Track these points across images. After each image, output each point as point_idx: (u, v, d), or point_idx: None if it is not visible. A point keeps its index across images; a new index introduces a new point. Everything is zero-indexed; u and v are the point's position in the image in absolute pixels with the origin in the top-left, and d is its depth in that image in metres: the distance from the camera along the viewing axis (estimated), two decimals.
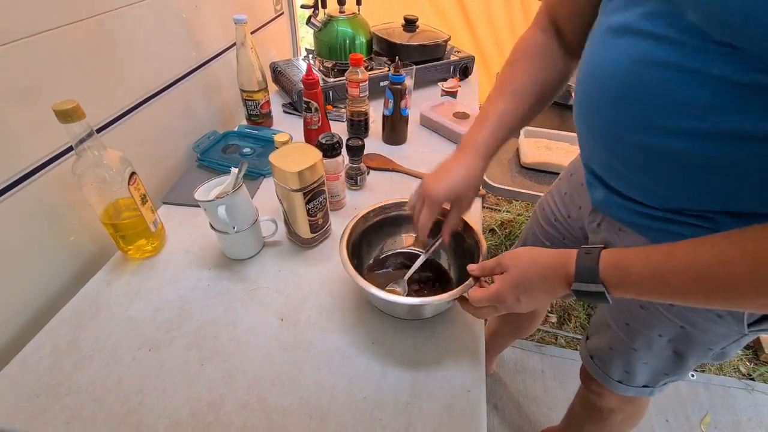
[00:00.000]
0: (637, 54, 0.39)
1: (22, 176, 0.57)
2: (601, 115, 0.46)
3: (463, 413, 0.50)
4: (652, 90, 0.38)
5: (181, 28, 0.88)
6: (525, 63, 0.58)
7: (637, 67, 0.39)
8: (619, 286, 0.41)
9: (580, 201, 0.65)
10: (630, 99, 0.41)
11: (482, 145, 0.56)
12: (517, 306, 0.48)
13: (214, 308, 0.61)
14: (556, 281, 0.45)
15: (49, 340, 0.56)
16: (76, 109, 0.51)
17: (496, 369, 1.33)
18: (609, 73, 0.43)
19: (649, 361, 0.60)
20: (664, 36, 0.36)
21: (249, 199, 0.66)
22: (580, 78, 0.49)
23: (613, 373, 0.65)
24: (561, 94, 1.37)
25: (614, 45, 0.42)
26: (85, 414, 0.48)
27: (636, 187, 0.47)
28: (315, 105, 0.86)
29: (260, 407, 0.49)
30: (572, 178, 0.68)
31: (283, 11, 1.44)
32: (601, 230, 0.57)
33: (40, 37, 0.57)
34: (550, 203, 0.73)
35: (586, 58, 0.48)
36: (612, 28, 0.43)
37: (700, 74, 0.35)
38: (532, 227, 0.79)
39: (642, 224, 0.49)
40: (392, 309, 0.59)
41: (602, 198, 0.53)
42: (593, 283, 0.41)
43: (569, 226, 0.69)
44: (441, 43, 1.21)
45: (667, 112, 0.38)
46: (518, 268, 0.47)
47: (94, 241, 0.70)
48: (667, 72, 0.37)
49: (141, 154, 0.76)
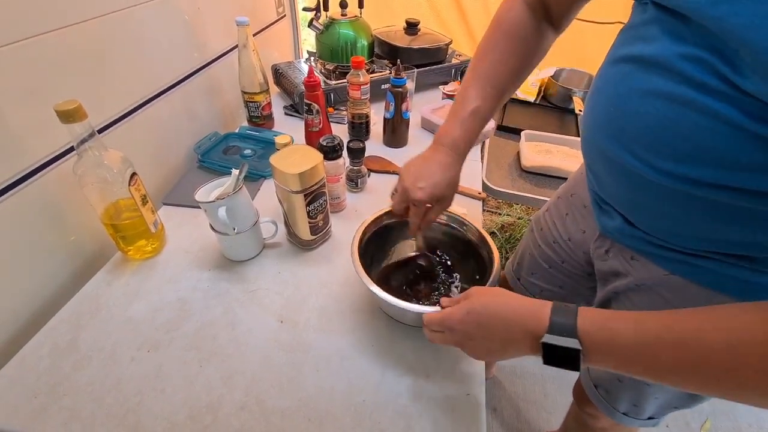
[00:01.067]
0: (672, 95, 0.35)
1: (23, 176, 0.57)
2: (622, 151, 0.42)
3: (462, 417, 0.50)
4: (688, 136, 0.35)
5: (183, 29, 0.88)
6: (505, 43, 0.55)
7: (672, 109, 0.36)
8: (599, 350, 0.35)
9: (584, 224, 0.62)
10: (660, 142, 0.37)
11: (460, 141, 0.56)
12: (467, 342, 0.43)
13: (214, 309, 0.61)
14: (517, 330, 0.39)
15: (49, 340, 0.56)
16: (77, 109, 0.51)
17: (496, 373, 1.32)
18: (634, 110, 0.39)
19: (661, 396, 0.57)
20: (704, 83, 0.33)
21: (249, 201, 0.66)
22: (595, 106, 0.46)
23: (620, 406, 0.62)
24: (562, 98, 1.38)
25: (644, 80, 0.38)
26: (83, 414, 0.48)
27: (655, 226, 0.45)
28: (316, 107, 0.86)
29: (259, 409, 0.49)
30: (573, 199, 0.65)
31: (285, 14, 1.45)
32: (610, 257, 0.54)
33: (43, 37, 0.57)
34: (549, 223, 0.70)
35: (603, 85, 0.44)
36: (638, 59, 0.39)
37: (744, 130, 0.32)
38: (528, 245, 0.76)
39: (659, 255, 0.46)
40: (403, 316, 0.58)
41: (614, 227, 0.50)
42: (569, 337, 0.35)
43: (570, 250, 0.66)
44: (442, 47, 1.21)
45: (698, 160, 0.35)
46: (479, 300, 0.42)
47: (94, 241, 0.70)
48: (722, 126, 0.33)
49: (142, 155, 0.76)
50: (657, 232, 0.45)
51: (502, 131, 1.22)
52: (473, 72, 0.56)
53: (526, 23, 0.55)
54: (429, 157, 0.56)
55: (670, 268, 0.46)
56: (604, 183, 0.50)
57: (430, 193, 0.54)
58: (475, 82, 0.56)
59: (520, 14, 0.55)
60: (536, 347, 0.37)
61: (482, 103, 0.55)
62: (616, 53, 0.43)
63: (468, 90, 0.56)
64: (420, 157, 0.57)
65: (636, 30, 0.41)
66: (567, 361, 0.36)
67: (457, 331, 0.43)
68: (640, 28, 0.40)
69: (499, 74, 0.55)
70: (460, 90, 0.57)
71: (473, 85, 0.56)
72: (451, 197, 0.58)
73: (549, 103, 1.38)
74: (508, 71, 0.55)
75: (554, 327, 0.36)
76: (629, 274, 0.51)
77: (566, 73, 1.45)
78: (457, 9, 1.57)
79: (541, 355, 0.37)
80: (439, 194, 0.55)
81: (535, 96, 1.39)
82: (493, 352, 0.42)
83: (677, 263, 0.45)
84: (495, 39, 0.56)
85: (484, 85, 0.55)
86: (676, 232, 0.43)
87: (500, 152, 1.14)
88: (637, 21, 0.41)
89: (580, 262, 0.65)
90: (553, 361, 0.37)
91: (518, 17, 0.55)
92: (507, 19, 0.56)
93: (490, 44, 0.56)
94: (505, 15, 0.56)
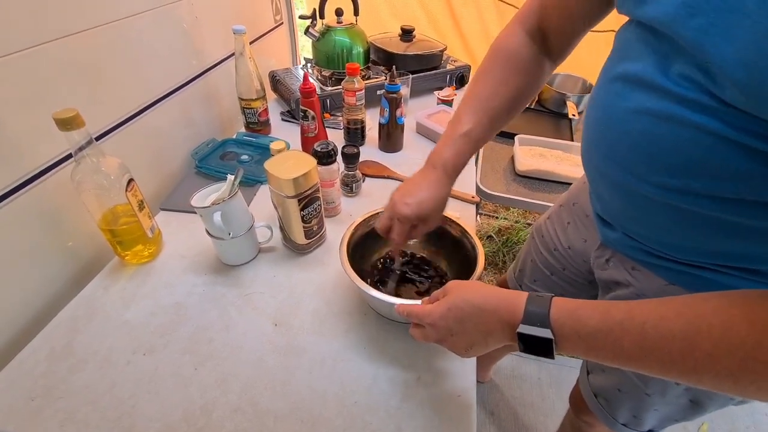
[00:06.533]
0: (657, 111, 0.36)
1: (22, 182, 0.58)
2: (615, 167, 0.43)
3: (453, 418, 0.50)
4: (676, 150, 0.35)
5: (181, 38, 0.90)
6: (502, 71, 0.56)
7: (657, 125, 0.36)
8: (569, 337, 0.36)
9: (586, 234, 0.62)
10: (651, 158, 0.38)
11: (450, 164, 0.56)
12: (449, 338, 0.43)
13: (209, 313, 0.62)
14: (495, 321, 0.40)
15: (46, 344, 0.56)
16: (75, 117, 0.52)
17: (492, 376, 1.33)
18: (623, 128, 0.40)
19: (661, 408, 0.56)
20: (687, 98, 0.34)
21: (245, 206, 0.67)
22: (589, 124, 0.47)
23: (620, 416, 0.61)
24: (556, 103, 1.39)
25: (630, 98, 0.39)
26: (78, 417, 0.49)
27: (654, 239, 0.45)
28: (312, 113, 0.88)
29: (252, 411, 0.50)
30: (575, 208, 0.65)
31: (282, 21, 1.47)
32: (610, 267, 0.54)
33: (43, 47, 0.58)
34: (550, 231, 0.70)
35: (595, 104, 0.45)
36: (624, 77, 0.40)
37: (729, 141, 0.32)
38: (530, 252, 0.76)
39: (661, 265, 0.46)
40: (390, 312, 0.59)
41: (615, 239, 0.51)
42: (542, 327, 0.37)
43: (570, 258, 0.66)
44: (437, 53, 1.23)
45: (688, 172, 0.36)
46: (459, 295, 0.43)
47: (91, 246, 0.71)
48: (706, 138, 0.33)
49: (140, 161, 0.77)
50: (657, 244, 0.45)
51: (497, 135, 1.22)
52: (468, 96, 0.57)
53: (524, 51, 0.55)
54: (420, 176, 0.57)
55: (671, 278, 0.46)
56: (603, 198, 0.50)
57: (415, 210, 0.54)
58: (469, 105, 0.56)
59: (519, 42, 0.55)
60: (514, 337, 0.39)
61: (474, 127, 0.55)
62: (606, 73, 0.44)
63: (462, 113, 0.56)
64: (413, 176, 0.58)
65: (623, 49, 0.42)
66: (542, 350, 0.37)
67: (438, 327, 0.43)
68: (626, 46, 0.41)
69: (493, 98, 0.55)
70: (455, 112, 0.57)
71: (467, 108, 0.56)
72: (436, 219, 0.58)
73: (543, 108, 1.39)
74: (503, 96, 0.55)
75: (528, 317, 0.37)
76: (630, 285, 0.51)
77: (560, 78, 1.47)
78: (451, 16, 1.59)
79: (518, 344, 0.39)
80: (424, 213, 0.55)
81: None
82: (475, 344, 0.42)
83: (678, 274, 0.44)
84: (492, 65, 0.56)
85: (478, 109, 0.55)
86: (676, 244, 0.43)
87: (495, 156, 1.15)
88: (623, 39, 0.42)
89: (581, 270, 0.65)
90: (530, 350, 0.38)
91: (517, 45, 0.55)
92: (506, 45, 0.56)
93: (487, 70, 0.57)
94: (504, 41, 0.56)
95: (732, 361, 0.30)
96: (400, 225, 0.56)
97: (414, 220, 0.55)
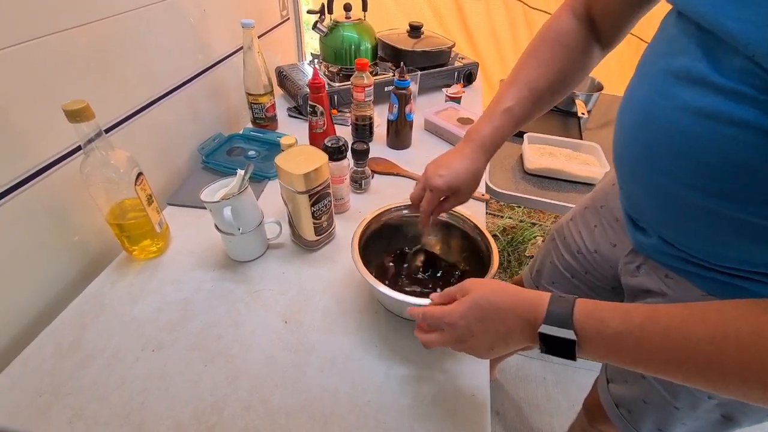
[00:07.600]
0: (700, 108, 0.34)
1: (30, 175, 0.57)
2: (654, 168, 0.41)
3: (467, 418, 0.49)
4: (716, 149, 0.34)
5: (189, 32, 0.89)
6: (548, 50, 0.55)
7: (698, 123, 0.35)
8: (592, 340, 0.35)
9: (615, 238, 0.60)
10: (688, 157, 0.36)
11: (488, 139, 0.56)
12: (469, 338, 0.42)
13: (218, 309, 0.61)
14: (515, 321, 0.39)
15: (53, 340, 0.56)
16: (85, 109, 0.52)
17: (498, 376, 1.32)
18: (661, 126, 0.38)
19: (689, 423, 0.53)
20: (735, 91, 0.32)
21: (254, 201, 0.66)
22: (624, 122, 0.45)
23: (643, 429, 0.58)
24: (565, 101, 1.38)
25: (671, 95, 0.37)
26: (86, 414, 0.48)
27: (691, 245, 0.43)
28: (320, 109, 0.87)
29: (263, 409, 0.49)
30: (603, 211, 0.63)
31: (289, 16, 1.45)
32: (641, 274, 0.52)
33: (51, 38, 0.57)
34: (573, 233, 0.68)
35: (631, 100, 0.43)
36: (666, 73, 0.38)
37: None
38: (549, 253, 0.74)
39: (697, 273, 0.44)
40: (401, 311, 0.58)
41: (649, 245, 0.49)
42: (565, 328, 0.36)
43: (595, 262, 0.64)
44: (445, 50, 1.22)
45: (738, 176, 0.34)
46: (480, 293, 0.41)
47: (98, 241, 0.70)
48: (752, 136, 0.32)
49: (147, 156, 0.76)
50: (694, 250, 0.43)
51: None
52: (512, 75, 0.57)
53: (572, 35, 0.54)
54: (456, 150, 0.57)
55: (709, 288, 0.43)
56: (636, 202, 0.48)
57: (448, 181, 0.55)
58: (512, 83, 0.56)
59: (568, 25, 0.54)
60: (535, 337, 0.38)
61: (516, 104, 0.54)
62: (644, 69, 0.43)
63: (504, 91, 0.56)
64: (449, 151, 0.58)
65: (666, 43, 0.40)
66: (563, 351, 0.37)
67: (459, 326, 0.41)
68: (669, 39, 0.40)
69: (538, 78, 0.55)
70: (498, 91, 0.57)
71: (510, 86, 0.55)
72: (468, 192, 0.57)
73: (552, 106, 1.38)
74: (548, 78, 0.55)
75: (551, 317, 0.37)
76: (663, 294, 0.49)
77: None
78: (458, 13, 1.57)
79: (539, 345, 0.38)
80: (457, 185, 0.55)
81: None
82: (496, 346, 0.41)
83: (717, 283, 0.42)
84: (539, 45, 0.56)
85: (522, 87, 0.55)
86: (716, 252, 0.41)
87: (503, 154, 1.14)
88: (666, 33, 0.41)
89: (606, 276, 0.63)
90: (551, 351, 0.38)
91: (564, 27, 0.55)
92: (553, 27, 0.56)
93: (534, 50, 0.56)
94: (553, 24, 0.56)
95: (762, 368, 0.29)
96: (431, 195, 0.56)
97: (446, 192, 0.55)
